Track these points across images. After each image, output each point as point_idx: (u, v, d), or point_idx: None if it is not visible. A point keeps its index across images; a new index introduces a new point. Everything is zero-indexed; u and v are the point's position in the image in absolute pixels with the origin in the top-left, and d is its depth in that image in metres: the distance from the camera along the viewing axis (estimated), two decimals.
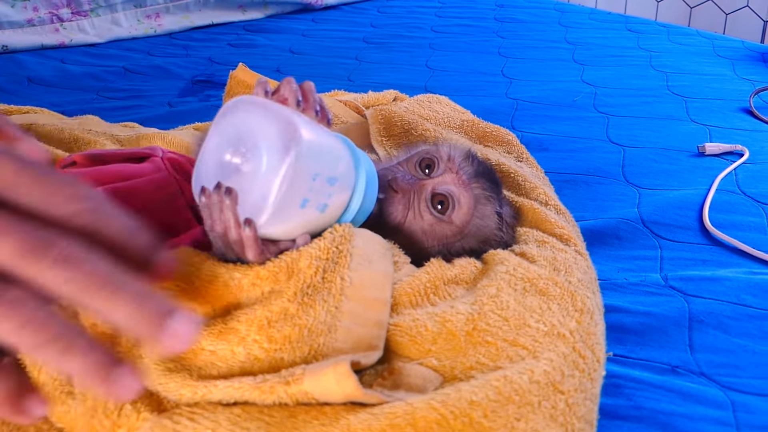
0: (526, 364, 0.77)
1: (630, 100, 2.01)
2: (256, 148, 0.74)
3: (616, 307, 1.09)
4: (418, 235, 0.98)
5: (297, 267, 0.78)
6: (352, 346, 0.77)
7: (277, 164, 0.73)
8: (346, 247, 0.82)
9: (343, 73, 2.32)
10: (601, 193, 1.49)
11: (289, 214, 0.76)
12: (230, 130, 0.77)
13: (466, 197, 0.99)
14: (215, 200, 0.75)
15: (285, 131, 0.73)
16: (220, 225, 0.76)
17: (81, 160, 0.99)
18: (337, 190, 0.80)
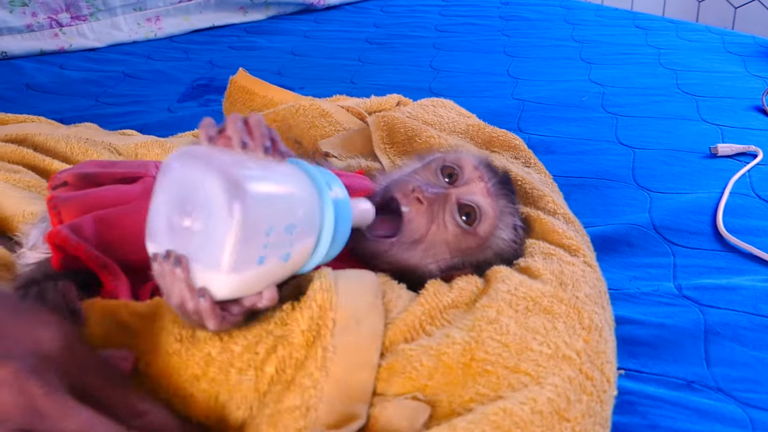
0: (529, 392, 0.73)
1: (639, 100, 1.97)
2: (202, 208, 0.69)
3: (628, 319, 1.05)
4: (440, 248, 0.93)
5: (282, 372, 0.74)
6: (335, 420, 0.72)
7: (224, 226, 0.67)
8: (327, 315, 0.76)
9: (346, 75, 2.28)
10: (611, 197, 1.45)
11: (246, 273, 0.70)
12: (175, 187, 0.72)
13: (494, 208, 0.95)
14: (167, 270, 0.70)
15: (227, 189, 0.67)
16: (175, 297, 0.71)
17: (72, 180, 0.95)
18: (298, 236, 0.73)
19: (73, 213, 0.87)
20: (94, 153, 1.47)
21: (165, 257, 0.70)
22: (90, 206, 0.89)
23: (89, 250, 0.81)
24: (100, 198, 0.91)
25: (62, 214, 0.88)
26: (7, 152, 1.42)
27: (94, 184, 0.96)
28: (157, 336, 0.76)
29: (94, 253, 0.81)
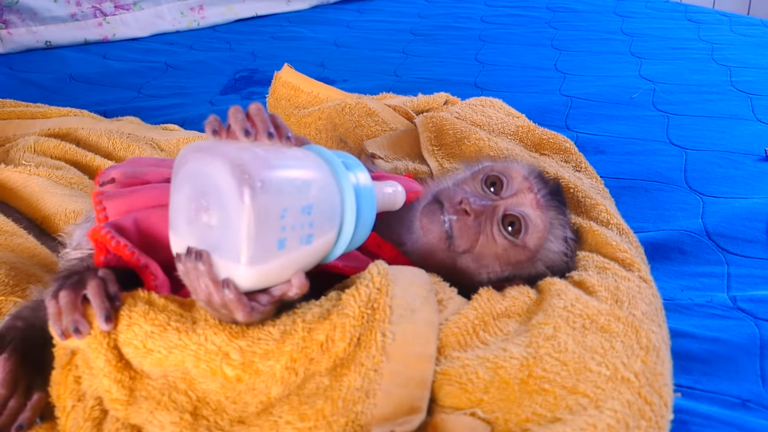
0: (588, 416, 0.70)
1: (691, 98, 1.91)
2: (215, 200, 0.69)
3: (680, 332, 1.01)
4: (489, 260, 0.92)
5: (331, 341, 0.74)
6: (394, 410, 0.71)
7: (237, 214, 0.67)
8: (384, 300, 0.76)
9: (389, 67, 2.25)
10: (662, 200, 1.41)
11: (268, 259, 0.69)
12: (187, 185, 0.72)
13: (543, 220, 0.93)
14: (190, 267, 0.70)
15: (233, 175, 0.67)
16: (202, 292, 0.71)
17: (120, 177, 0.95)
18: (317, 216, 0.72)
19: (119, 210, 0.87)
20: (136, 149, 1.47)
21: (187, 255, 0.70)
22: (135, 205, 0.88)
23: (131, 250, 0.80)
24: (145, 197, 0.90)
25: (108, 211, 0.87)
26: (50, 147, 1.42)
27: (142, 182, 0.96)
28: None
29: (135, 253, 0.80)
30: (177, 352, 0.73)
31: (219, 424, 0.73)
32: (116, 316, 0.76)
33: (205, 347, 0.73)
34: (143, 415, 0.74)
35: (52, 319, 0.77)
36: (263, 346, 0.73)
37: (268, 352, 0.73)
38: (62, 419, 0.80)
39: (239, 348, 0.73)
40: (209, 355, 0.73)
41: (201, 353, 0.73)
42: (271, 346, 0.73)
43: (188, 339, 0.73)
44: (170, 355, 0.74)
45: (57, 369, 0.82)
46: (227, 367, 0.73)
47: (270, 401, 0.73)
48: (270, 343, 0.73)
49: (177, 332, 0.74)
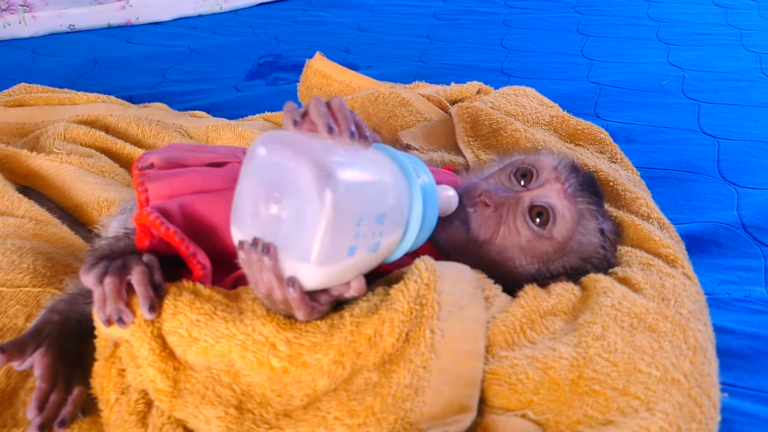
0: (640, 419, 0.69)
1: (721, 85, 1.89)
2: (290, 195, 0.67)
3: (720, 328, 1.00)
4: (514, 252, 0.90)
5: (379, 336, 0.73)
6: (443, 408, 0.71)
7: (315, 215, 0.65)
8: (432, 296, 0.75)
9: (414, 53, 2.23)
10: (696, 191, 1.39)
11: (335, 264, 0.68)
12: (260, 173, 0.70)
13: (571, 211, 0.91)
14: (254, 258, 0.69)
15: (318, 176, 0.65)
16: (263, 285, 0.70)
17: (159, 163, 0.94)
18: (388, 226, 0.71)
19: (161, 193, 0.86)
20: (165, 136, 1.46)
21: (252, 245, 0.68)
22: (178, 188, 0.87)
23: (181, 237, 0.79)
24: (188, 181, 0.88)
25: (149, 193, 0.86)
26: (80, 134, 1.41)
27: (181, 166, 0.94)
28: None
29: (185, 240, 0.79)
30: (224, 342, 0.73)
31: (264, 417, 0.73)
32: (160, 305, 0.75)
33: (252, 338, 0.73)
34: (188, 409, 0.74)
35: (97, 306, 0.77)
36: (311, 339, 0.72)
37: (315, 344, 0.72)
38: (106, 412, 0.80)
39: (286, 339, 0.72)
40: (257, 346, 0.72)
41: (248, 343, 0.73)
42: (318, 338, 0.72)
43: (235, 329, 0.73)
44: (216, 344, 0.73)
45: (100, 361, 0.82)
46: (274, 358, 0.72)
47: (316, 394, 0.73)
48: (318, 336, 0.73)
49: (224, 321, 0.74)
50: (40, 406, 0.81)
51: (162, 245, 0.81)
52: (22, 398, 0.85)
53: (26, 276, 0.98)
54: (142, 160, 0.94)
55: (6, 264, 0.99)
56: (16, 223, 1.12)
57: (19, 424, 0.82)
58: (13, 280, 0.97)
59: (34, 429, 0.79)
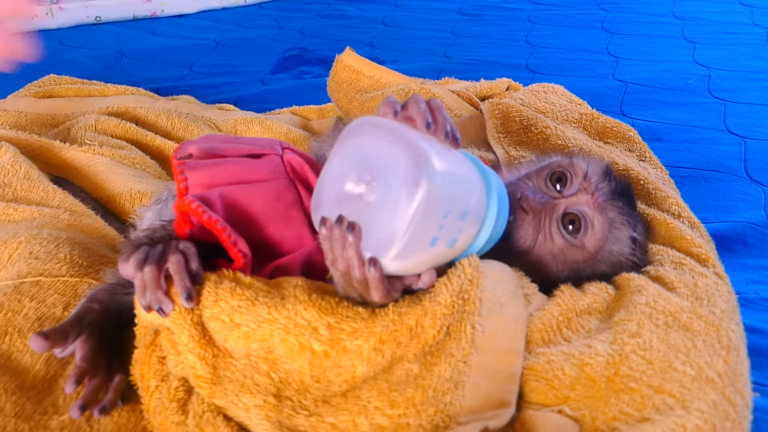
0: (677, 417, 0.70)
1: (748, 85, 1.88)
2: (383, 178, 0.68)
3: (748, 327, 0.99)
4: (547, 258, 0.91)
5: (421, 327, 0.74)
6: (482, 403, 0.72)
7: (407, 200, 0.66)
8: (474, 292, 0.76)
9: (439, 48, 2.24)
10: (723, 191, 1.39)
11: (416, 252, 0.70)
12: (354, 154, 0.71)
13: (601, 221, 0.91)
14: (337, 235, 0.70)
15: (416, 163, 0.67)
16: (342, 263, 0.71)
17: (197, 153, 0.95)
18: (468, 224, 0.73)
19: (200, 182, 0.86)
20: (194, 129, 1.48)
21: (337, 222, 0.70)
22: (217, 178, 0.88)
23: (223, 225, 0.80)
24: (227, 171, 0.89)
25: (189, 181, 0.87)
26: (111, 126, 1.43)
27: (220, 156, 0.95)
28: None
29: (227, 229, 0.80)
30: (266, 326, 0.74)
31: (303, 403, 0.74)
32: (198, 292, 0.77)
33: (294, 321, 0.74)
34: (228, 398, 0.75)
35: (138, 293, 0.78)
36: (352, 324, 0.74)
37: (356, 330, 0.73)
38: (146, 399, 0.81)
39: (328, 324, 0.74)
40: (299, 329, 0.74)
41: (291, 327, 0.74)
42: (360, 325, 0.74)
43: (278, 313, 0.74)
44: (258, 329, 0.75)
45: (140, 348, 0.84)
46: (315, 342, 0.73)
47: (354, 381, 0.74)
48: (359, 322, 0.74)
49: (266, 306, 0.75)
50: (77, 380, 0.83)
51: (201, 233, 0.83)
52: (61, 386, 0.86)
53: (64, 266, 1.00)
54: (181, 150, 0.95)
55: (43, 254, 1.00)
56: (51, 214, 1.14)
57: (60, 410, 0.83)
58: (51, 270, 0.98)
59: (75, 409, 0.81)
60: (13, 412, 0.81)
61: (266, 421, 0.73)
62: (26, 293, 0.95)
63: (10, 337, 0.90)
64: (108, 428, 0.82)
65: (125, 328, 0.90)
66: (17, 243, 1.02)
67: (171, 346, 0.79)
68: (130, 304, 0.84)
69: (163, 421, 0.78)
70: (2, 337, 0.90)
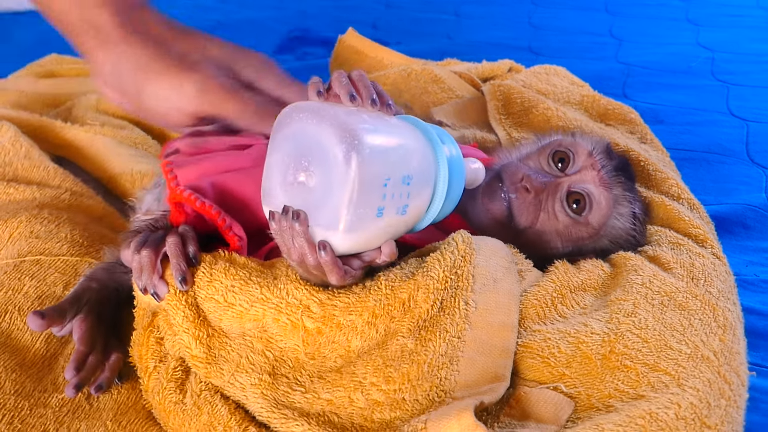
0: (671, 395, 0.71)
1: (751, 68, 1.87)
2: (317, 162, 0.69)
3: (747, 308, 1.00)
4: (551, 236, 0.91)
5: (414, 301, 0.74)
6: (477, 377, 0.72)
7: (342, 178, 0.67)
8: (467, 268, 0.77)
9: (442, 29, 2.23)
10: (724, 173, 1.39)
11: (365, 226, 0.69)
12: (288, 143, 0.72)
13: (606, 197, 0.91)
14: (285, 226, 0.70)
15: (343, 138, 0.67)
16: (295, 252, 0.71)
17: (184, 148, 0.95)
18: (415, 187, 0.72)
19: (190, 178, 0.87)
20: None
21: (283, 213, 0.70)
22: (205, 171, 0.89)
23: (217, 210, 0.81)
24: (215, 164, 0.90)
25: (179, 179, 0.88)
26: (112, 105, 1.42)
27: (206, 151, 0.96)
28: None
29: (221, 213, 0.81)
30: (258, 306, 0.75)
31: (299, 380, 0.74)
32: (194, 275, 0.77)
33: (286, 300, 0.74)
34: (224, 378, 0.75)
35: (135, 276, 0.79)
36: (344, 300, 0.74)
37: (349, 305, 0.74)
38: (145, 379, 0.82)
39: (319, 301, 0.74)
40: (290, 308, 0.74)
41: (282, 306, 0.74)
42: (352, 299, 0.74)
43: (269, 293, 0.75)
44: (251, 308, 0.75)
45: (138, 330, 0.84)
46: (308, 320, 0.74)
47: (349, 356, 0.74)
48: (351, 297, 0.74)
49: (258, 286, 0.75)
50: (77, 366, 0.83)
51: (197, 221, 0.83)
52: (61, 364, 0.87)
53: (64, 245, 1.00)
54: (168, 148, 0.96)
55: (44, 233, 1.01)
56: (52, 194, 1.14)
57: (60, 388, 0.84)
58: (52, 249, 0.99)
59: (71, 388, 0.82)
60: (12, 390, 0.82)
61: (262, 399, 0.73)
62: (26, 272, 0.96)
63: (10, 316, 0.90)
64: (108, 406, 0.83)
65: (124, 307, 0.90)
66: (18, 222, 1.03)
67: (168, 326, 0.80)
68: (128, 282, 0.84)
69: (161, 401, 0.78)
70: (2, 316, 0.90)
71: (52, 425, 0.80)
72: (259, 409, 0.73)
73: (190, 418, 0.76)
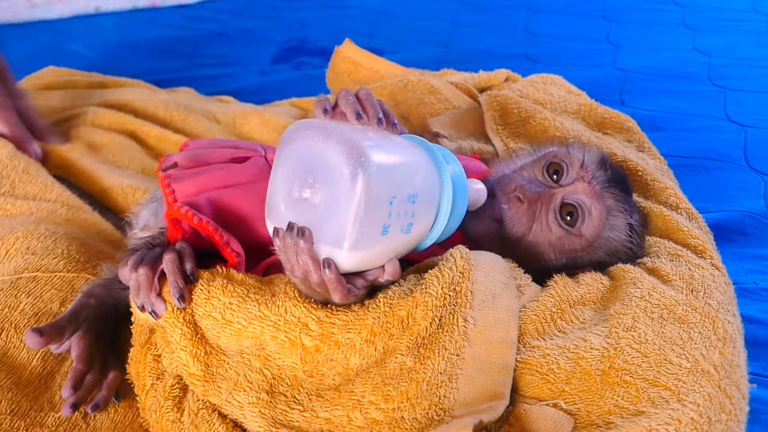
0: (672, 410, 0.70)
1: (748, 72, 1.86)
2: (323, 179, 0.69)
3: (747, 317, 1.00)
4: (544, 247, 0.91)
5: (412, 319, 0.74)
6: (476, 395, 0.72)
7: (347, 194, 0.67)
8: (465, 284, 0.76)
9: (439, 38, 2.23)
10: (722, 180, 1.39)
11: (370, 244, 0.69)
12: (294, 160, 0.72)
13: (598, 209, 0.91)
14: (289, 243, 0.70)
15: (348, 155, 0.67)
16: (299, 269, 0.71)
17: (182, 162, 0.95)
18: (420, 206, 0.73)
19: (187, 192, 0.87)
20: (192, 121, 1.48)
21: (288, 230, 0.70)
22: (203, 185, 0.89)
23: (214, 226, 0.81)
24: (213, 178, 0.90)
25: (176, 194, 0.87)
26: (107, 118, 1.44)
27: (204, 164, 0.96)
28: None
29: (219, 229, 0.81)
30: (256, 323, 0.75)
31: (297, 398, 0.74)
32: (191, 293, 0.77)
33: (284, 318, 0.74)
34: (222, 396, 0.75)
35: (133, 294, 0.79)
36: (342, 318, 0.74)
37: (347, 323, 0.74)
38: (142, 397, 0.81)
39: (318, 319, 0.74)
40: (288, 326, 0.74)
41: (280, 324, 0.74)
42: (350, 317, 0.74)
43: (268, 311, 0.75)
44: (249, 326, 0.75)
45: (136, 347, 0.84)
46: (306, 337, 0.74)
47: (347, 373, 0.74)
48: (350, 315, 0.74)
49: (257, 304, 0.75)
50: (75, 385, 0.83)
51: (194, 239, 0.83)
52: (58, 382, 0.87)
53: (60, 261, 1.00)
54: (166, 161, 0.96)
55: (40, 249, 1.01)
56: (49, 208, 1.14)
57: (56, 407, 0.84)
58: (48, 265, 0.99)
59: (68, 407, 0.81)
60: (8, 409, 0.81)
61: (260, 418, 0.73)
62: (23, 289, 0.95)
63: (7, 333, 0.90)
64: (104, 425, 0.83)
65: (122, 324, 0.90)
66: (14, 238, 1.02)
67: (165, 344, 0.80)
68: (126, 299, 0.84)
69: (158, 419, 0.78)
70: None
71: None
72: (257, 428, 0.73)
73: None
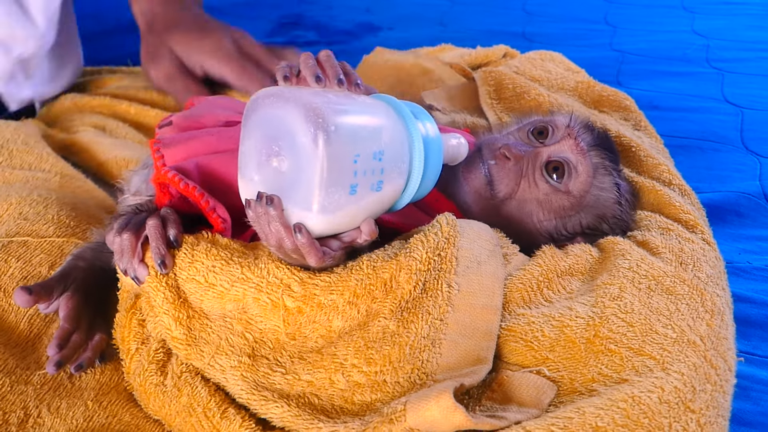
0: (655, 378, 0.70)
1: (747, 55, 1.87)
2: (287, 145, 0.69)
3: (739, 296, 1.00)
4: (532, 206, 0.91)
5: (396, 282, 0.74)
6: (459, 360, 0.72)
7: (310, 158, 0.67)
8: (450, 250, 0.76)
9: (435, 15, 2.22)
10: (718, 161, 1.39)
11: (339, 205, 0.69)
12: (258, 130, 0.72)
13: (585, 165, 0.92)
14: (260, 212, 0.70)
15: (307, 119, 0.67)
16: (272, 237, 0.71)
17: (177, 120, 0.95)
18: (388, 163, 0.72)
19: (177, 158, 0.87)
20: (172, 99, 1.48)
21: (257, 200, 0.70)
22: (194, 151, 0.88)
23: (200, 191, 0.80)
24: (203, 144, 0.89)
25: (165, 159, 0.87)
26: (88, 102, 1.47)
27: (198, 125, 0.95)
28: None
29: (205, 195, 0.80)
30: (239, 285, 0.74)
31: (279, 361, 0.74)
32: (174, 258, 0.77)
33: (267, 280, 0.74)
34: (204, 359, 0.75)
35: (116, 258, 0.79)
36: (325, 279, 0.73)
37: (330, 284, 0.73)
38: (126, 361, 0.81)
39: (300, 280, 0.73)
40: (271, 287, 0.73)
41: (263, 285, 0.74)
42: (333, 278, 0.73)
43: (250, 272, 0.74)
44: (232, 288, 0.74)
45: (121, 312, 0.84)
46: (288, 299, 0.73)
47: (330, 336, 0.74)
48: (332, 276, 0.74)
49: (239, 266, 0.75)
50: (60, 344, 0.83)
51: (181, 203, 0.83)
52: (45, 343, 0.87)
53: (51, 226, 0.99)
54: (163, 120, 0.97)
55: (32, 215, 1.00)
56: (43, 177, 1.15)
57: (42, 366, 0.84)
58: (39, 231, 0.98)
59: (51, 365, 0.81)
60: None
61: (242, 381, 0.73)
62: (13, 253, 0.95)
63: None
64: (90, 386, 0.83)
65: (111, 288, 0.89)
66: (8, 204, 1.02)
67: (149, 308, 0.80)
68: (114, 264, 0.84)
69: (142, 383, 0.78)
70: None
71: (32, 402, 0.80)
72: (239, 391, 0.73)
73: (170, 400, 0.75)
